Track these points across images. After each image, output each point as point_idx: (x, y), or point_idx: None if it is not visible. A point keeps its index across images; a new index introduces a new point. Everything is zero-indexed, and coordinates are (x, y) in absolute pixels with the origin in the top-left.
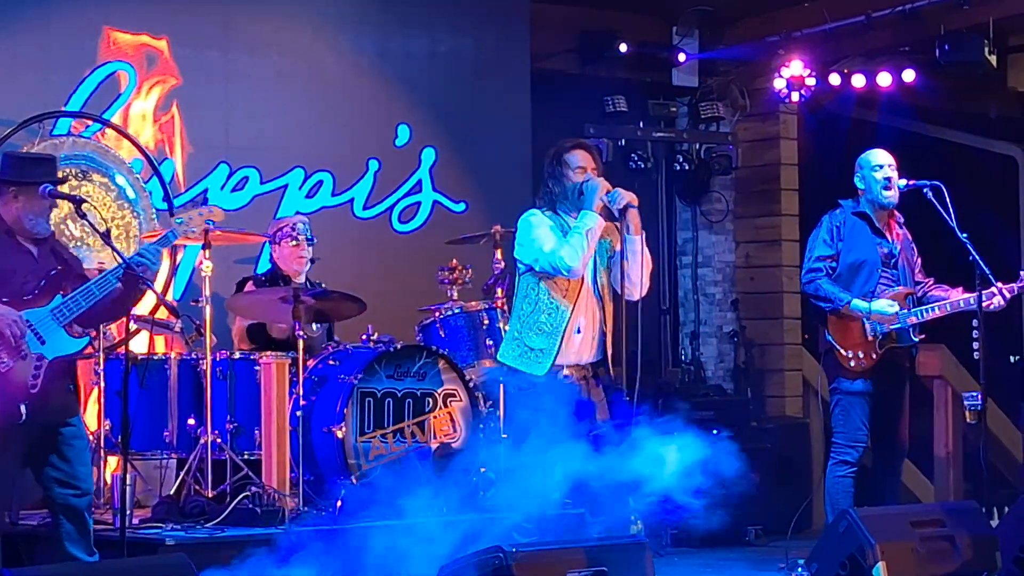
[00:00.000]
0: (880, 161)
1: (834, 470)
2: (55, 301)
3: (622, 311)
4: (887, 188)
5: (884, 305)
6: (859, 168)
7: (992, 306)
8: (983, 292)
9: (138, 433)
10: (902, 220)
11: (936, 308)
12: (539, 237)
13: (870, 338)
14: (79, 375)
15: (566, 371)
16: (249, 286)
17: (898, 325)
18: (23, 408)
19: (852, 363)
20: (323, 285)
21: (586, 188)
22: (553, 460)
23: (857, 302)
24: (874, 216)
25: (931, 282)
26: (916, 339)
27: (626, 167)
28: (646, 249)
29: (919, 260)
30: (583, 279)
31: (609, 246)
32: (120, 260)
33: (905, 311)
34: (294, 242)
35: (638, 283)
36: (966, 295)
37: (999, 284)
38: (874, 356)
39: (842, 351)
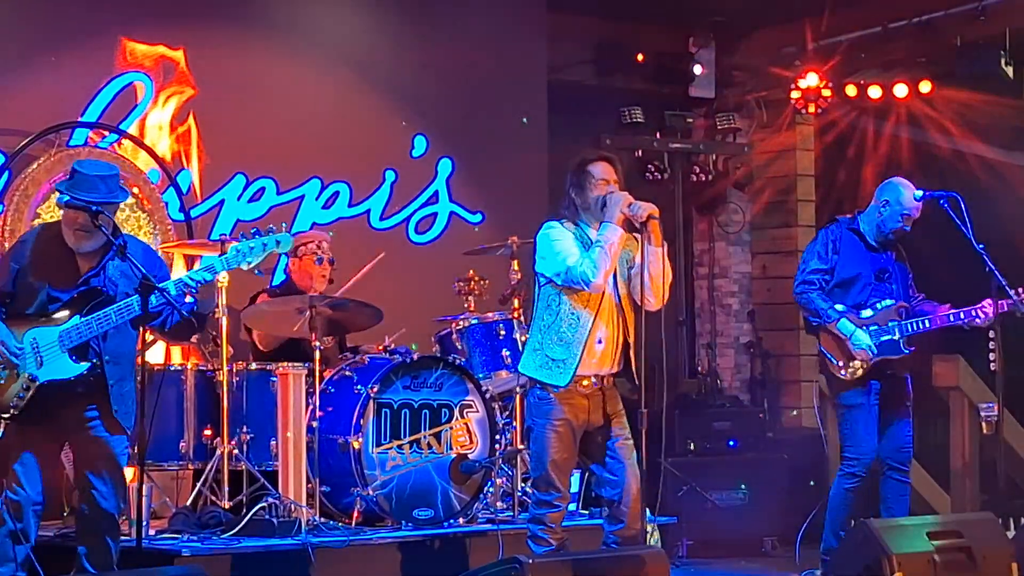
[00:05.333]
0: (912, 207)
1: (841, 482)
2: (71, 322)
3: (641, 322)
4: (903, 230)
5: (863, 338)
6: (889, 196)
7: (979, 320)
8: (974, 307)
9: (154, 444)
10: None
11: (927, 322)
12: (561, 250)
13: (854, 350)
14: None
15: (586, 381)
16: (263, 298)
17: (888, 336)
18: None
19: (843, 373)
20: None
21: (608, 200)
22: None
23: (844, 323)
24: (871, 236)
25: (921, 297)
26: (907, 350)
27: (643, 178)
28: (667, 260)
29: (912, 275)
30: (605, 290)
31: (631, 257)
32: (137, 272)
33: (896, 322)
34: (319, 261)
35: (659, 294)
36: (952, 310)
37: (989, 300)
38: (865, 367)
39: (833, 361)
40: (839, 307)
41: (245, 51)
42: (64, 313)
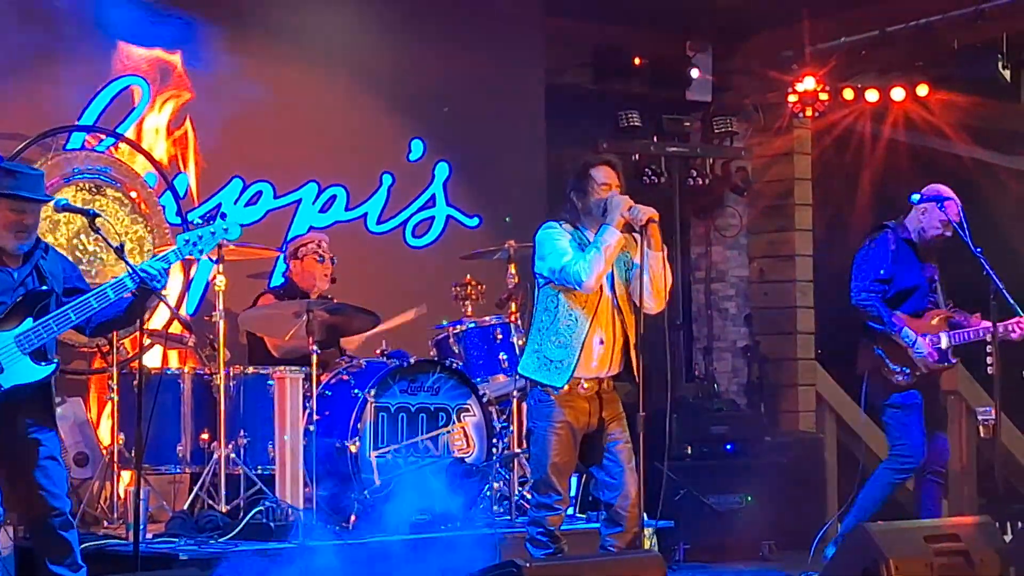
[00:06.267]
0: (950, 212)
1: (889, 474)
2: (23, 325)
3: (640, 324)
4: (943, 236)
5: (924, 346)
6: (927, 204)
7: (1014, 335)
8: (1011, 322)
9: (151, 448)
10: None
11: (970, 334)
12: (556, 250)
13: (910, 356)
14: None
15: (585, 383)
16: (266, 299)
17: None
18: None
19: (899, 378)
20: (332, 300)
21: (609, 204)
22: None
23: (906, 331)
24: (919, 243)
25: (951, 306)
26: (953, 360)
27: (640, 182)
28: (667, 264)
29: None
30: (603, 291)
31: (629, 259)
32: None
33: (946, 333)
34: (320, 260)
35: (658, 297)
36: (988, 324)
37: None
38: (918, 374)
39: (891, 365)
40: (899, 315)
41: (242, 55)
42: (12, 317)
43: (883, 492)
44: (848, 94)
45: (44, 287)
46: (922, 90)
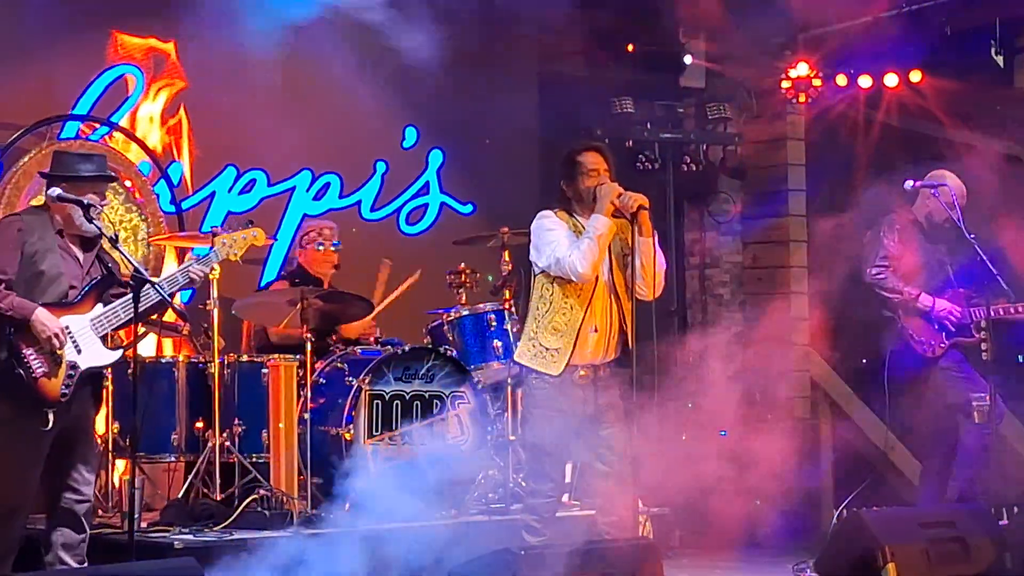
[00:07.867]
0: (956, 196)
1: (982, 435)
2: (96, 310)
3: (633, 309)
4: (950, 219)
5: (945, 303)
6: (935, 188)
7: None
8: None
9: (146, 436)
10: None
11: (989, 311)
12: (552, 240)
13: (936, 328)
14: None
15: (582, 371)
16: (279, 284)
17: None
18: (51, 416)
19: (924, 348)
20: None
21: (598, 192)
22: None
23: (924, 297)
24: (927, 226)
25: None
26: (976, 334)
27: (633, 168)
28: (659, 250)
29: (965, 266)
30: (599, 278)
31: (623, 245)
32: (131, 265)
33: (963, 309)
34: (321, 247)
35: (650, 284)
36: (1010, 305)
37: None
38: (940, 348)
39: (916, 337)
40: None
41: (235, 43)
42: (84, 302)
43: (983, 456)
44: (841, 80)
45: (115, 274)
46: (915, 76)
